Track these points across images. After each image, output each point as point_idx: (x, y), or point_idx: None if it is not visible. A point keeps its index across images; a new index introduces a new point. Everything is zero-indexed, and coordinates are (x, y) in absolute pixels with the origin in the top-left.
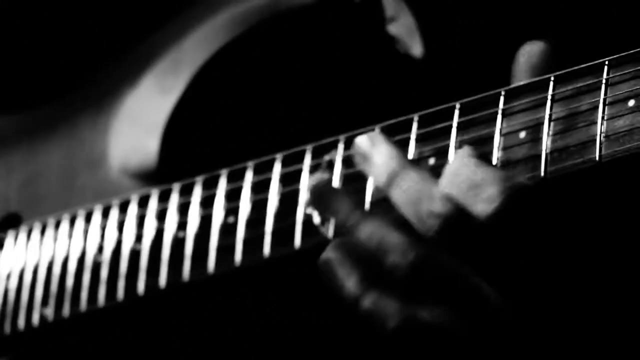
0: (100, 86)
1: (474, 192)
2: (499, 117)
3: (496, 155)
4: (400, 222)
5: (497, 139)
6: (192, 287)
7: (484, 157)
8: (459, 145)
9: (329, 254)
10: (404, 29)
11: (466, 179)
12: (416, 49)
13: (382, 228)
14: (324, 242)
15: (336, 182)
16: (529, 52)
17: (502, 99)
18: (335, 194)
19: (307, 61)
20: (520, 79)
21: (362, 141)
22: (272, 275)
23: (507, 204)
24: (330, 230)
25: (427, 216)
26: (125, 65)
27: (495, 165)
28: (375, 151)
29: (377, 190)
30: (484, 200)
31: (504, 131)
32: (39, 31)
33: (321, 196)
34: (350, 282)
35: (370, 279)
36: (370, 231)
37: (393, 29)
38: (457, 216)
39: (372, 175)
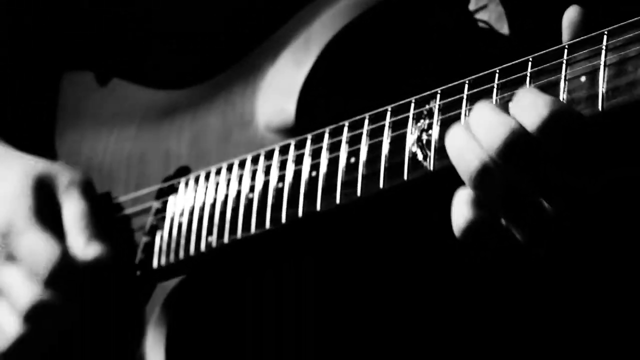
0: (247, 64)
1: (529, 107)
2: (564, 65)
3: (562, 97)
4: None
5: (562, 83)
6: (324, 216)
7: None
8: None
9: None
10: (494, 15)
11: (527, 101)
12: (503, 30)
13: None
14: (427, 175)
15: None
16: (569, 17)
17: (565, 51)
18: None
19: (408, 36)
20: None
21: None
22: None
23: (550, 114)
24: (430, 165)
25: (492, 138)
26: (266, 47)
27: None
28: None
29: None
30: (532, 112)
31: (567, 77)
32: (204, 33)
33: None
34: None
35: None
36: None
37: (483, 15)
38: (517, 130)
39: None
